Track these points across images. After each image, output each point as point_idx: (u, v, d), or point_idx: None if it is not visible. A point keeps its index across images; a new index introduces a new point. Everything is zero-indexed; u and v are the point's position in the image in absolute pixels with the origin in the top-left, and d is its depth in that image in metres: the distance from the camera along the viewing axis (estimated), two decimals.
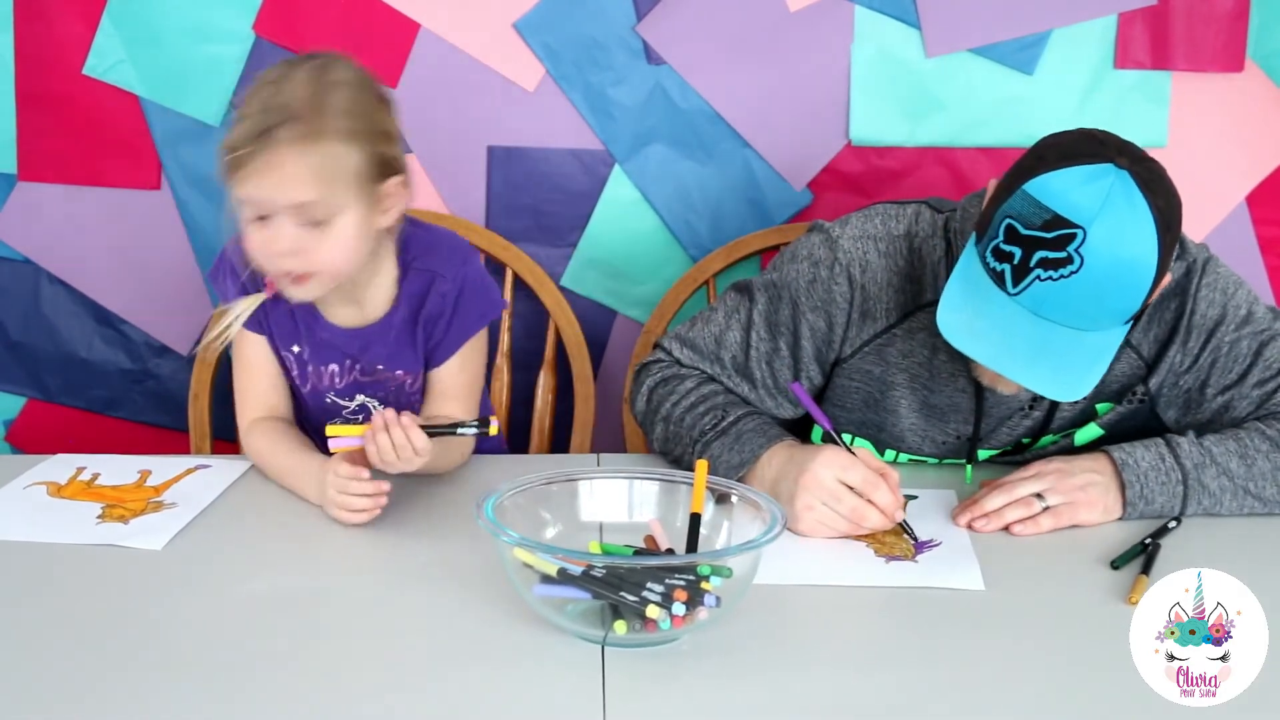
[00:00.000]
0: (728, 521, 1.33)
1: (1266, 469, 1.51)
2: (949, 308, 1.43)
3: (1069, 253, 1.35)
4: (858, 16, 2.06)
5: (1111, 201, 1.34)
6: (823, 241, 1.61)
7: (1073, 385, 1.41)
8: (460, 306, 1.64)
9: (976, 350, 1.42)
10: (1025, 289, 1.38)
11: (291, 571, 1.37)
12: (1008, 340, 1.40)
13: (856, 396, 1.65)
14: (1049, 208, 1.36)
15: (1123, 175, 1.35)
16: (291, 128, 1.45)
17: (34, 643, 1.22)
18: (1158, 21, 2.04)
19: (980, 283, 1.42)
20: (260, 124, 1.45)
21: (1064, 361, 1.40)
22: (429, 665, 1.19)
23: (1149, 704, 1.11)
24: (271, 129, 1.44)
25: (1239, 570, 1.15)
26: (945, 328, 1.42)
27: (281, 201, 1.47)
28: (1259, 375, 1.56)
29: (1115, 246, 1.35)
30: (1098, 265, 1.35)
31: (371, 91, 1.53)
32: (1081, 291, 1.36)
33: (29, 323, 2.19)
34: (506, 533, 1.21)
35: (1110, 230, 1.34)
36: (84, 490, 1.58)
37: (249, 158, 1.44)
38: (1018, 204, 1.38)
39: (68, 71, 2.08)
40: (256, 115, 1.46)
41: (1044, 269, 1.36)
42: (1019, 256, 1.37)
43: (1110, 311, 1.40)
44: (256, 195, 1.47)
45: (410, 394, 1.68)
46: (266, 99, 1.47)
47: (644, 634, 1.18)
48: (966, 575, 1.37)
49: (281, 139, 1.44)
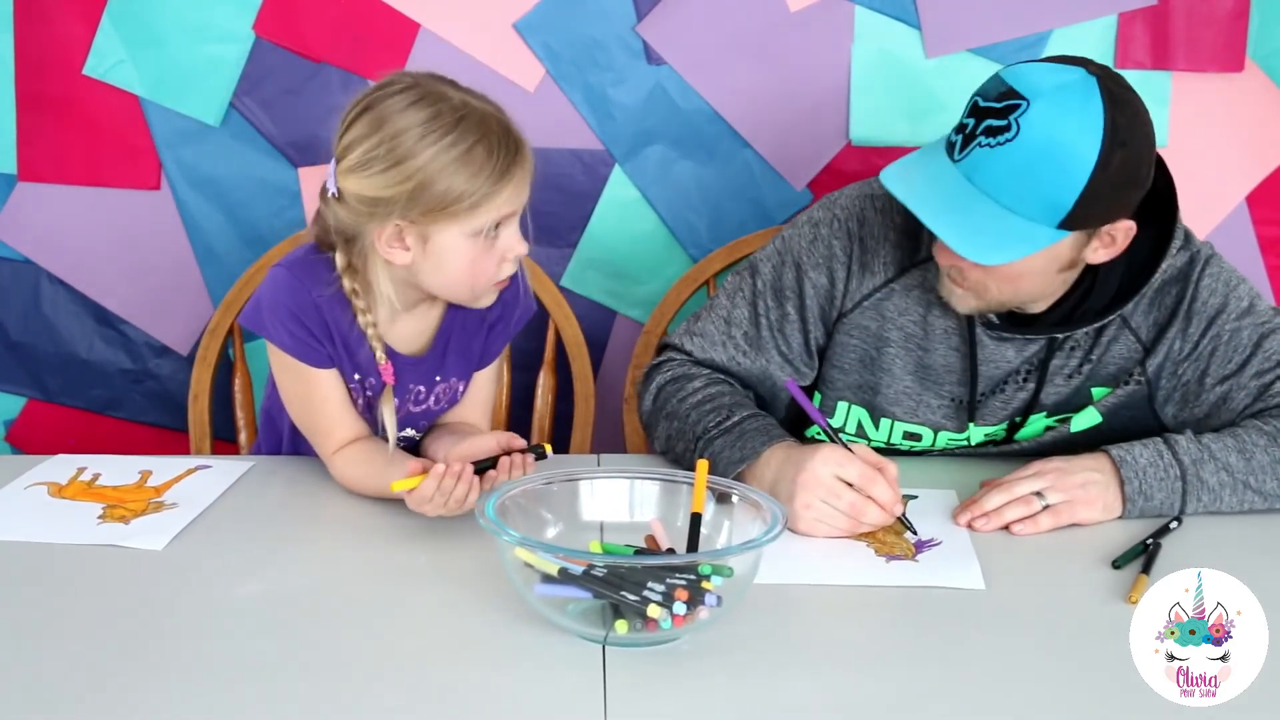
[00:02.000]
0: (728, 521, 1.33)
1: (1266, 463, 1.51)
2: (898, 164, 1.50)
3: (1009, 121, 1.40)
4: (858, 17, 2.06)
5: (1066, 89, 1.40)
6: (822, 204, 1.67)
7: (981, 248, 1.43)
8: (508, 311, 1.64)
9: (901, 193, 1.47)
10: (966, 155, 1.44)
11: (292, 572, 1.38)
12: (931, 192, 1.45)
13: (853, 355, 1.66)
14: (1007, 82, 1.43)
15: (1089, 79, 1.41)
16: (516, 138, 1.48)
17: (35, 643, 1.22)
18: (1158, 21, 2.05)
19: (934, 150, 1.49)
20: (494, 134, 1.45)
21: (980, 225, 1.43)
22: (430, 665, 1.19)
23: (1149, 704, 1.11)
24: (508, 137, 1.46)
25: (1240, 570, 1.15)
26: (885, 173, 1.48)
27: (520, 205, 1.49)
28: (1258, 366, 1.56)
29: (1053, 127, 1.39)
30: (1032, 138, 1.39)
31: None
32: (1011, 162, 1.40)
33: (29, 323, 2.19)
34: (508, 532, 1.21)
35: (1053, 109, 1.39)
36: (85, 490, 1.58)
37: (511, 168, 1.46)
38: (988, 83, 1.45)
39: (68, 72, 2.08)
40: (473, 130, 1.45)
41: (986, 136, 1.42)
42: (970, 126, 1.44)
43: (1037, 198, 1.42)
44: (515, 202, 1.48)
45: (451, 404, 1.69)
46: (459, 117, 1.45)
47: (645, 633, 1.18)
48: (967, 574, 1.37)
49: (520, 147, 1.47)
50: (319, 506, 1.55)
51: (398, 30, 2.07)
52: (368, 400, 1.62)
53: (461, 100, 1.47)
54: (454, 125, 1.44)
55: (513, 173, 1.46)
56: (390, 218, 1.46)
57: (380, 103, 1.46)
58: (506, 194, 1.46)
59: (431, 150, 1.43)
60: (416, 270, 1.50)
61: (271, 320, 1.55)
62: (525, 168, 1.48)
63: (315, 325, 1.54)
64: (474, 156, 1.44)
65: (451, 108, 1.45)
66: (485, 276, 1.51)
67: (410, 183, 1.43)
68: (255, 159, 2.12)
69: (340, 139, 1.48)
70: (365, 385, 1.60)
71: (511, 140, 1.47)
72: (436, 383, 1.64)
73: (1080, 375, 1.61)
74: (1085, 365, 1.61)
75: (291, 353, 1.55)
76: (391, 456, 1.54)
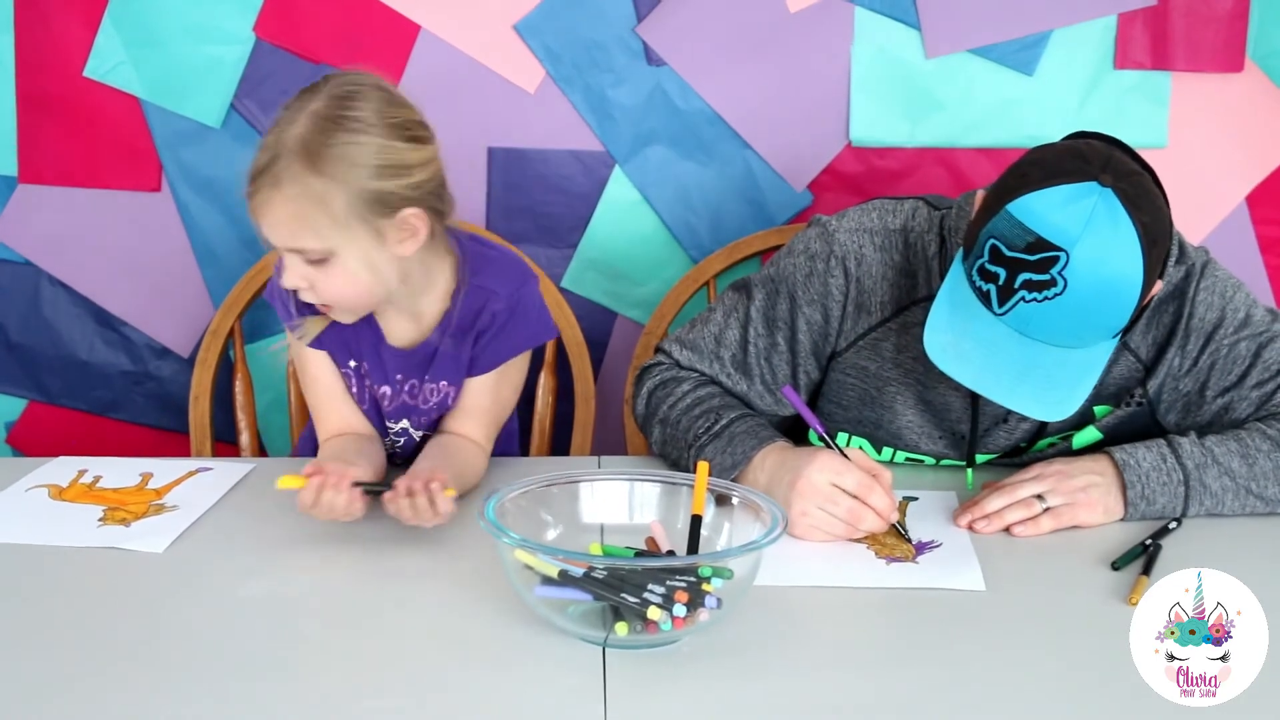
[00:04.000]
0: (728, 523, 1.33)
1: (1269, 468, 1.51)
2: (936, 328, 1.43)
3: (1052, 275, 1.35)
4: (858, 17, 2.06)
5: (1094, 222, 1.34)
6: (819, 235, 1.62)
7: (1058, 405, 1.41)
8: (507, 326, 1.63)
9: (962, 374, 1.42)
10: (1011, 309, 1.38)
11: (293, 573, 1.38)
12: (993, 361, 1.40)
13: (852, 394, 1.65)
14: (1031, 230, 1.35)
15: (1106, 194, 1.35)
16: (277, 171, 1.44)
17: (36, 645, 1.22)
18: (1157, 22, 2.05)
19: (967, 301, 1.42)
20: (257, 163, 1.46)
21: (1050, 380, 1.40)
22: (431, 667, 1.19)
23: (1149, 704, 1.11)
24: (264, 170, 1.45)
25: (1239, 570, 1.15)
26: (932, 349, 1.42)
27: (277, 243, 1.48)
28: (1258, 376, 1.56)
29: (1099, 267, 1.34)
30: (1082, 287, 1.34)
31: (386, 126, 1.48)
32: (1066, 312, 1.36)
33: (29, 325, 2.19)
34: (508, 534, 1.21)
35: (1093, 251, 1.34)
36: (85, 493, 1.58)
37: (249, 197, 1.46)
38: (1001, 225, 1.38)
39: (68, 73, 2.08)
40: (260, 151, 1.46)
41: (1029, 290, 1.36)
42: (1004, 277, 1.37)
43: (1096, 329, 1.40)
44: (262, 233, 1.48)
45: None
46: (273, 135, 1.46)
47: (645, 635, 1.18)
48: (967, 576, 1.37)
49: (267, 182, 1.44)
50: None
51: (398, 32, 2.07)
52: (367, 390, 1.63)
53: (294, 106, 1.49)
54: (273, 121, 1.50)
55: (251, 202, 1.46)
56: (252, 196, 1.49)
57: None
58: (254, 216, 1.47)
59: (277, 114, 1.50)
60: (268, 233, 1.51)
61: (274, 290, 1.61)
62: (266, 209, 1.45)
63: (310, 306, 1.57)
64: (253, 160, 1.47)
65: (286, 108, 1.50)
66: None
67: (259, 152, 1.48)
68: None
69: None
70: (361, 372, 1.62)
71: (261, 180, 1.45)
72: (425, 381, 1.65)
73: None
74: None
75: (286, 325, 1.62)
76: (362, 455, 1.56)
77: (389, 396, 1.65)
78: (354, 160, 1.44)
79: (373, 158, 1.45)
